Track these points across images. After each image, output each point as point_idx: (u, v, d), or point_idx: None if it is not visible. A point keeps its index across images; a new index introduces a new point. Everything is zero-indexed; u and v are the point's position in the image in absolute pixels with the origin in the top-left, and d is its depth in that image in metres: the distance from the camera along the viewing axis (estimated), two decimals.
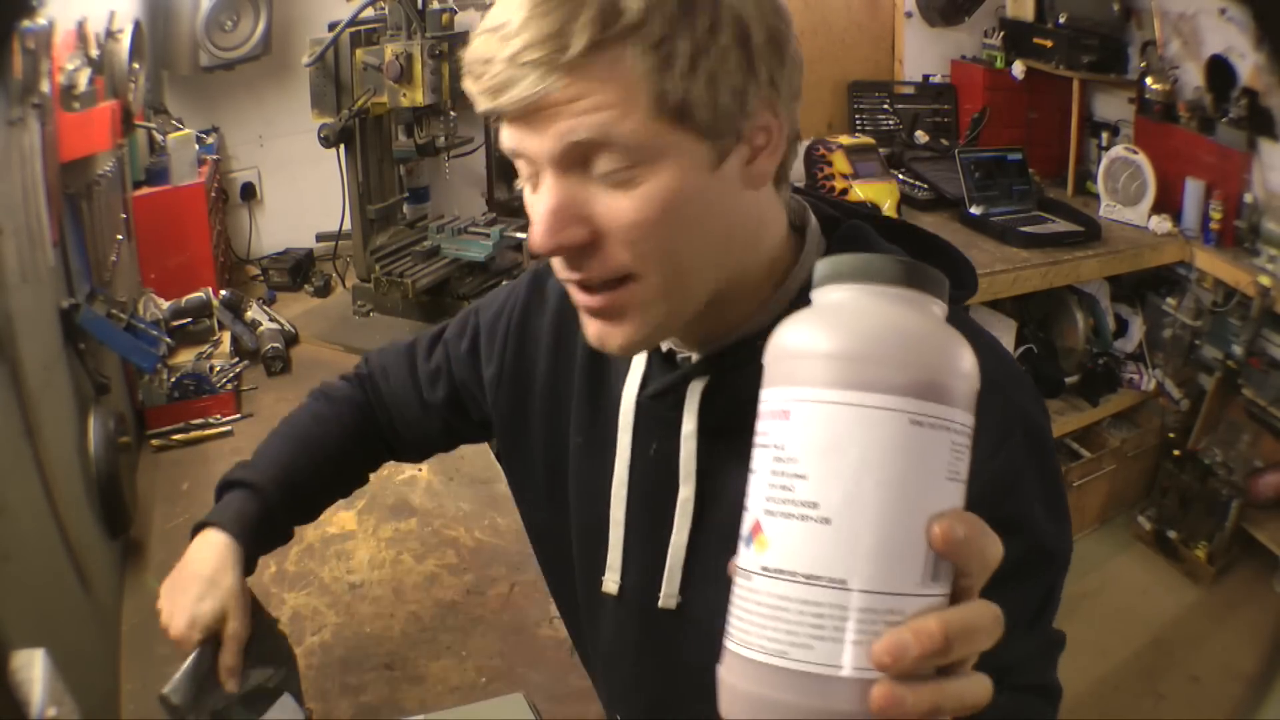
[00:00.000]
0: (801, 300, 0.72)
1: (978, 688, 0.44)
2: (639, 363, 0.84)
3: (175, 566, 0.99)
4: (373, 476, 1.65)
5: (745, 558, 0.45)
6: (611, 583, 0.87)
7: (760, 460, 0.46)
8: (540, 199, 0.68)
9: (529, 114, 0.65)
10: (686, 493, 0.79)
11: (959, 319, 0.73)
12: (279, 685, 1.01)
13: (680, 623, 0.81)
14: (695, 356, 0.79)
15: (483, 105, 0.67)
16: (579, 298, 0.73)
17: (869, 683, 0.41)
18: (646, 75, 0.63)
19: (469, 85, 0.68)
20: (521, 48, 0.63)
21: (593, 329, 0.74)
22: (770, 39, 0.68)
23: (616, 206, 0.67)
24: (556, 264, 0.72)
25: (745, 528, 0.46)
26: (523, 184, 0.73)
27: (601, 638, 0.93)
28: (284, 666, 1.02)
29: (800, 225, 0.80)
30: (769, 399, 0.46)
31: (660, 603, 0.81)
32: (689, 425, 0.78)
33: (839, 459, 0.42)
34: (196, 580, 0.96)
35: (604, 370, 0.88)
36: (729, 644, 0.45)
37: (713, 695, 0.79)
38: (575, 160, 0.66)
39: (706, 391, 0.77)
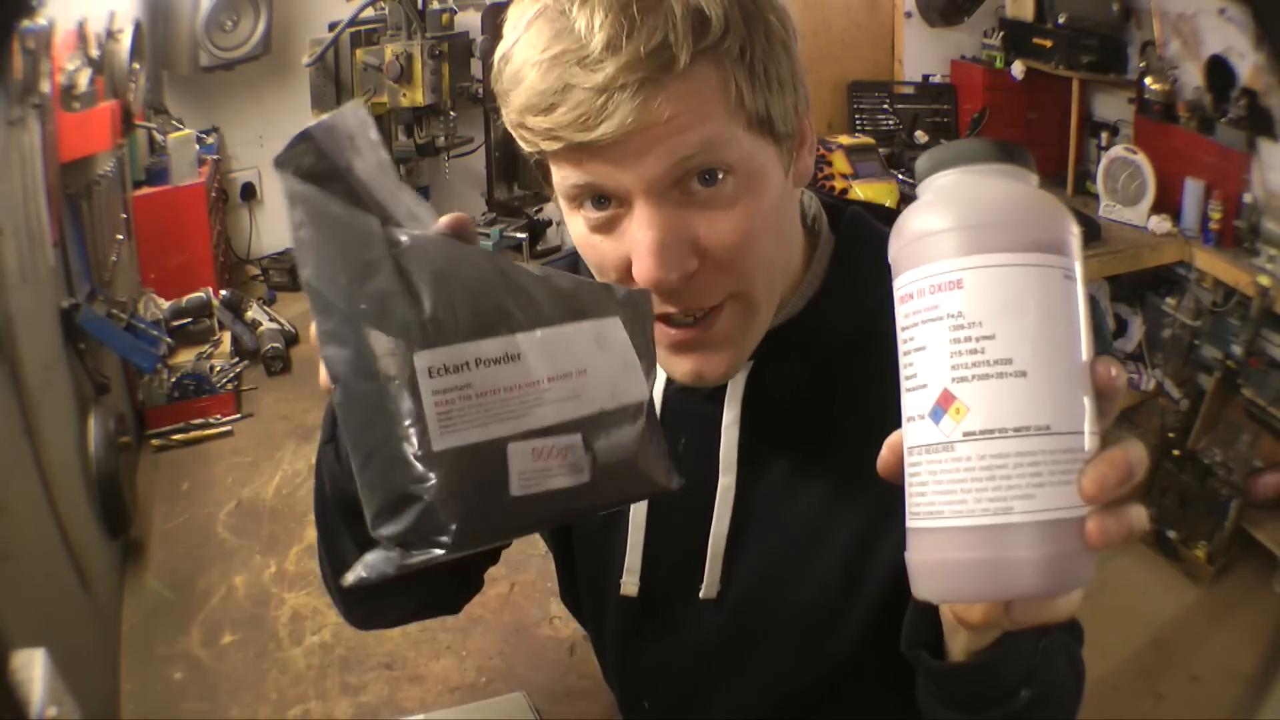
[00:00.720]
0: (829, 288, 0.75)
1: (1142, 511, 0.47)
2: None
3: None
4: None
5: (939, 430, 0.46)
6: (631, 585, 0.86)
7: (931, 335, 0.47)
8: (642, 232, 0.64)
9: (624, 141, 0.61)
10: (727, 481, 0.79)
11: None
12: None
13: (721, 610, 0.81)
14: None
15: (562, 140, 0.62)
16: (671, 335, 0.70)
17: (1079, 520, 0.44)
18: (738, 85, 0.63)
19: (536, 121, 0.62)
20: (617, 70, 0.59)
21: (687, 365, 0.72)
22: (794, 41, 0.68)
23: (720, 227, 0.65)
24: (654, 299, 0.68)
25: (927, 404, 0.47)
26: (571, 214, 0.69)
27: (623, 636, 0.92)
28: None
29: (806, 217, 0.80)
30: (922, 277, 0.47)
31: (702, 593, 0.81)
32: (730, 415, 0.78)
33: (1020, 316, 0.45)
34: None
35: None
36: (928, 524, 0.46)
37: (750, 676, 0.80)
38: (672, 183, 0.64)
39: (752, 378, 0.77)
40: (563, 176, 0.66)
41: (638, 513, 0.85)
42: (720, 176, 0.64)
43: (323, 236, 0.54)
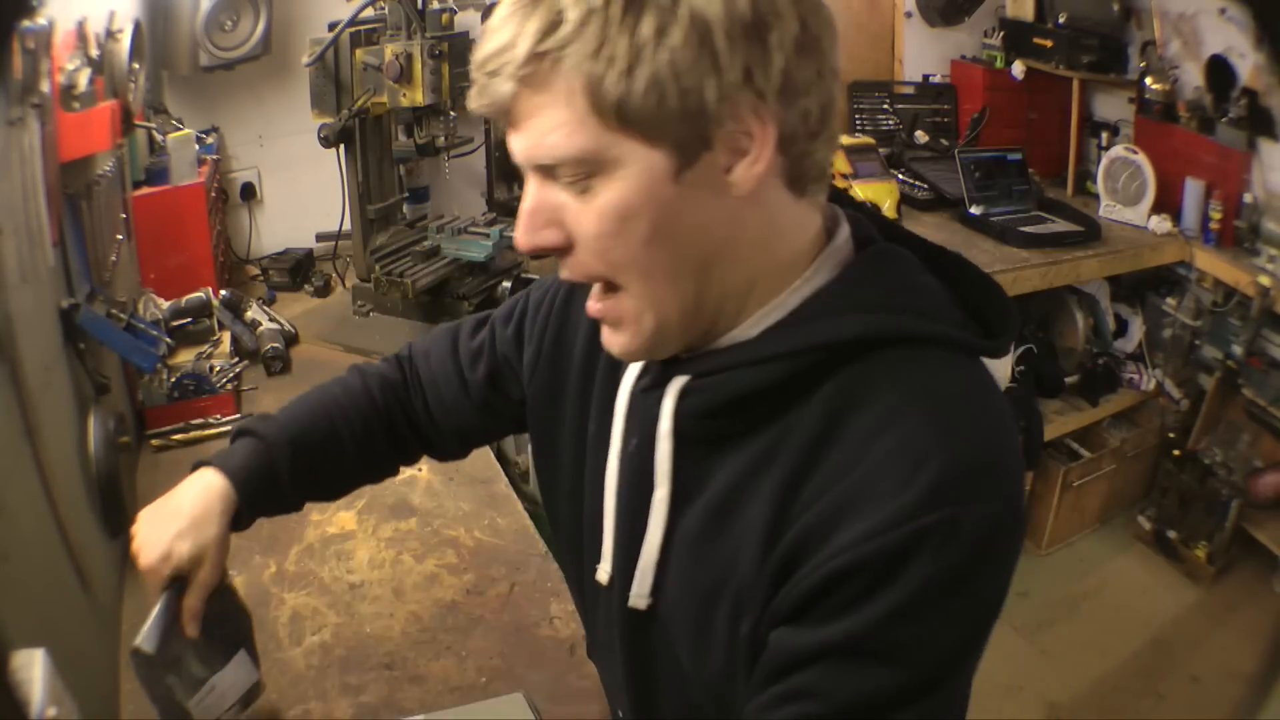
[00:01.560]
0: (802, 311, 0.71)
1: None
2: None
3: (161, 496, 0.99)
4: None
5: None
6: (604, 572, 0.87)
7: None
8: (524, 197, 0.71)
9: (505, 119, 0.69)
10: (661, 493, 0.78)
11: (973, 381, 0.71)
12: (234, 641, 1.04)
13: (651, 623, 0.80)
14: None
15: (474, 102, 0.70)
16: (588, 304, 0.75)
17: None
18: (588, 82, 0.64)
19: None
20: (485, 57, 0.67)
21: (602, 335, 0.76)
22: (747, 32, 0.64)
23: (581, 215, 0.68)
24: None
25: None
26: None
27: (598, 628, 0.93)
28: (239, 623, 1.06)
29: (829, 232, 0.76)
30: None
31: (630, 601, 0.80)
32: (664, 424, 0.77)
33: None
34: (180, 517, 0.95)
35: (581, 337, 0.90)
36: None
37: (683, 697, 0.79)
38: (545, 170, 0.69)
39: (683, 392, 0.75)
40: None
41: (609, 502, 0.85)
42: (574, 173, 0.67)
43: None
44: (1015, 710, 2.43)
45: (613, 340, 0.75)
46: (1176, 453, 3.05)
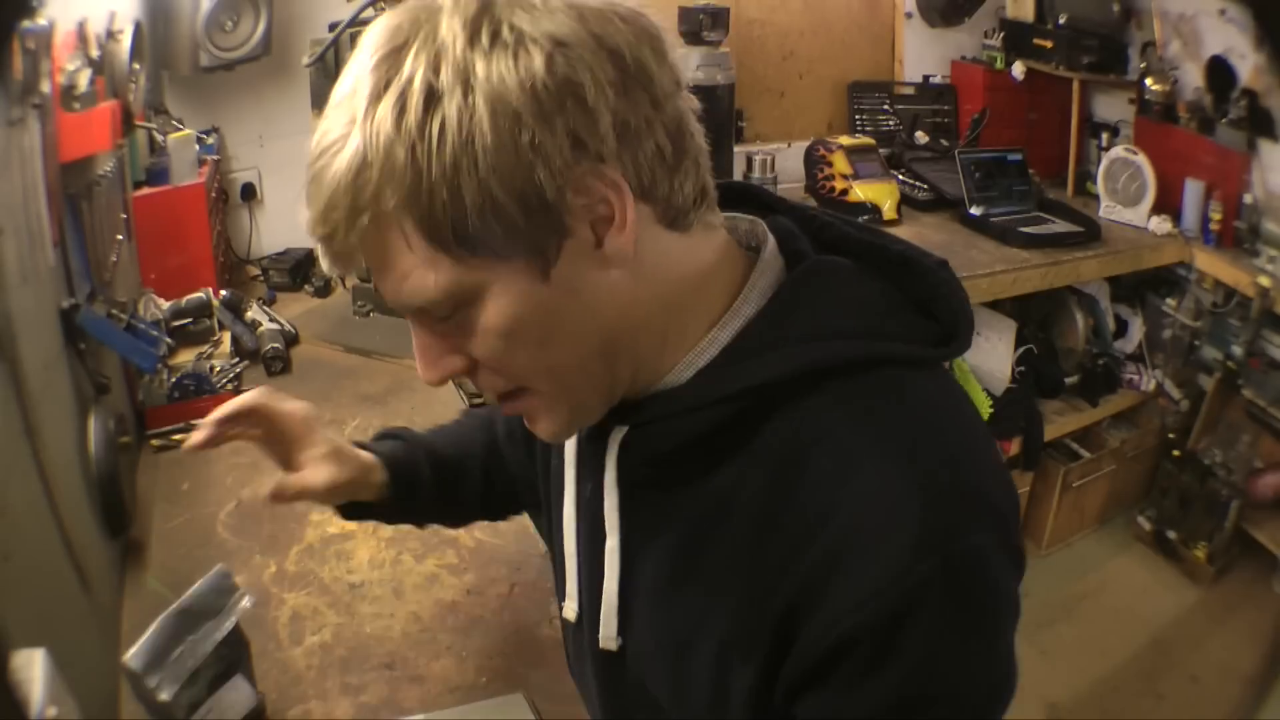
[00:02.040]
0: (732, 348, 0.67)
1: None
2: None
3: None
4: None
5: None
6: (570, 610, 0.86)
7: None
8: (413, 335, 0.69)
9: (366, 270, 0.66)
10: (612, 542, 0.76)
11: (931, 397, 0.67)
12: (233, 665, 1.07)
13: (624, 662, 0.79)
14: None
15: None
16: (501, 406, 0.72)
17: None
18: (414, 223, 0.60)
19: None
20: (311, 226, 0.64)
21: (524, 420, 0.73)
22: (557, 100, 0.58)
23: (469, 342, 0.66)
24: None
25: None
26: None
27: (571, 659, 0.94)
28: (239, 650, 1.09)
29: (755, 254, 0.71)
30: None
31: (601, 644, 0.79)
32: (609, 475, 0.74)
33: None
34: None
35: None
36: None
37: None
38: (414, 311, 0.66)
39: (624, 442, 0.72)
40: None
41: (569, 541, 0.84)
42: (444, 312, 0.64)
43: None
44: (1015, 710, 2.42)
45: (535, 428, 0.72)
46: (1176, 453, 3.05)
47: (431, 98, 0.58)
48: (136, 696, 1.04)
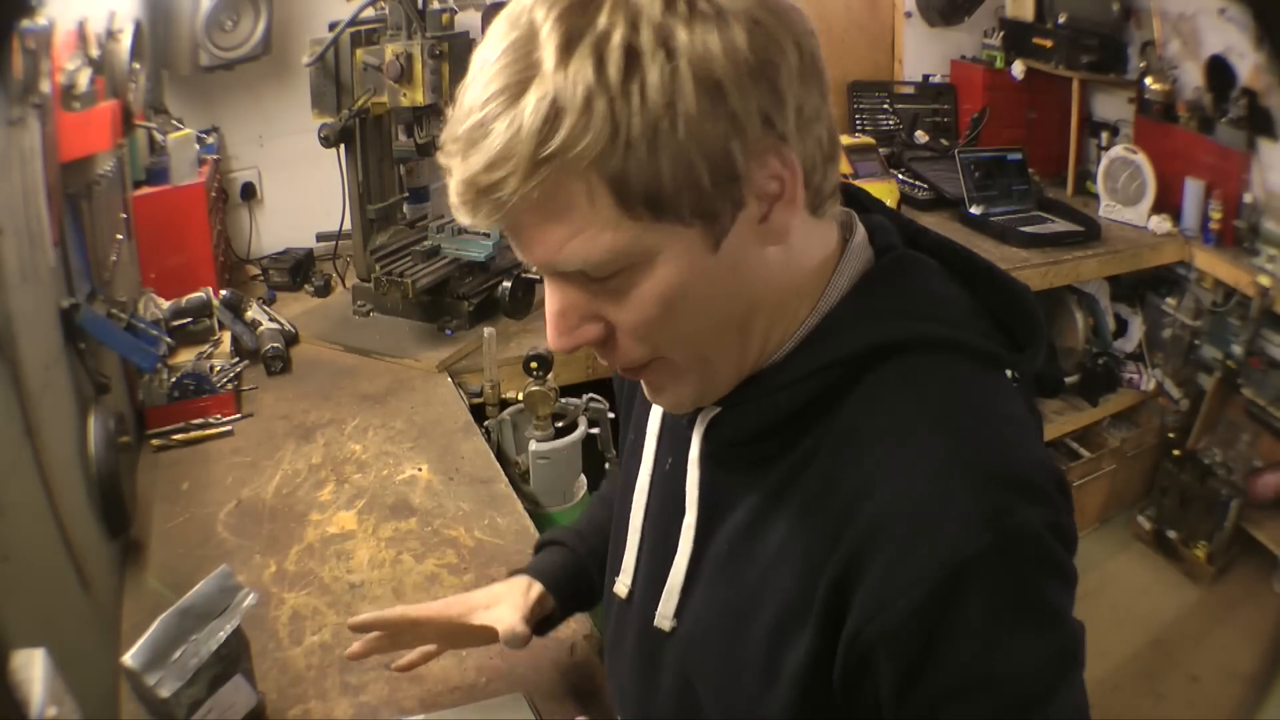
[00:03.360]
0: (822, 327, 0.69)
1: None
2: None
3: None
4: (373, 476, 1.67)
5: None
6: (622, 585, 0.87)
7: None
8: (548, 300, 0.66)
9: (508, 228, 0.63)
10: (690, 518, 0.77)
11: (1000, 388, 0.68)
12: (234, 665, 1.08)
13: (672, 644, 0.80)
14: None
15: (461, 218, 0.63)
16: (620, 370, 0.72)
17: None
18: (607, 177, 0.58)
19: (450, 188, 0.63)
20: (471, 175, 0.59)
21: (645, 389, 0.74)
22: (755, 77, 0.59)
23: (620, 311, 0.64)
24: None
25: None
26: None
27: (612, 637, 0.93)
28: (240, 650, 1.10)
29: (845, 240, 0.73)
30: None
31: (655, 622, 0.80)
32: (694, 452, 0.76)
33: None
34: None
35: None
36: None
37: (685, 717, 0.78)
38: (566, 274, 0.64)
39: (714, 420, 0.74)
40: None
41: (636, 515, 0.85)
42: (606, 274, 0.62)
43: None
44: None
45: (659, 397, 0.73)
46: (1176, 453, 3.05)
47: (632, 56, 0.57)
48: (136, 696, 1.04)
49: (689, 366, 0.68)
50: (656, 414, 0.83)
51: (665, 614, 0.79)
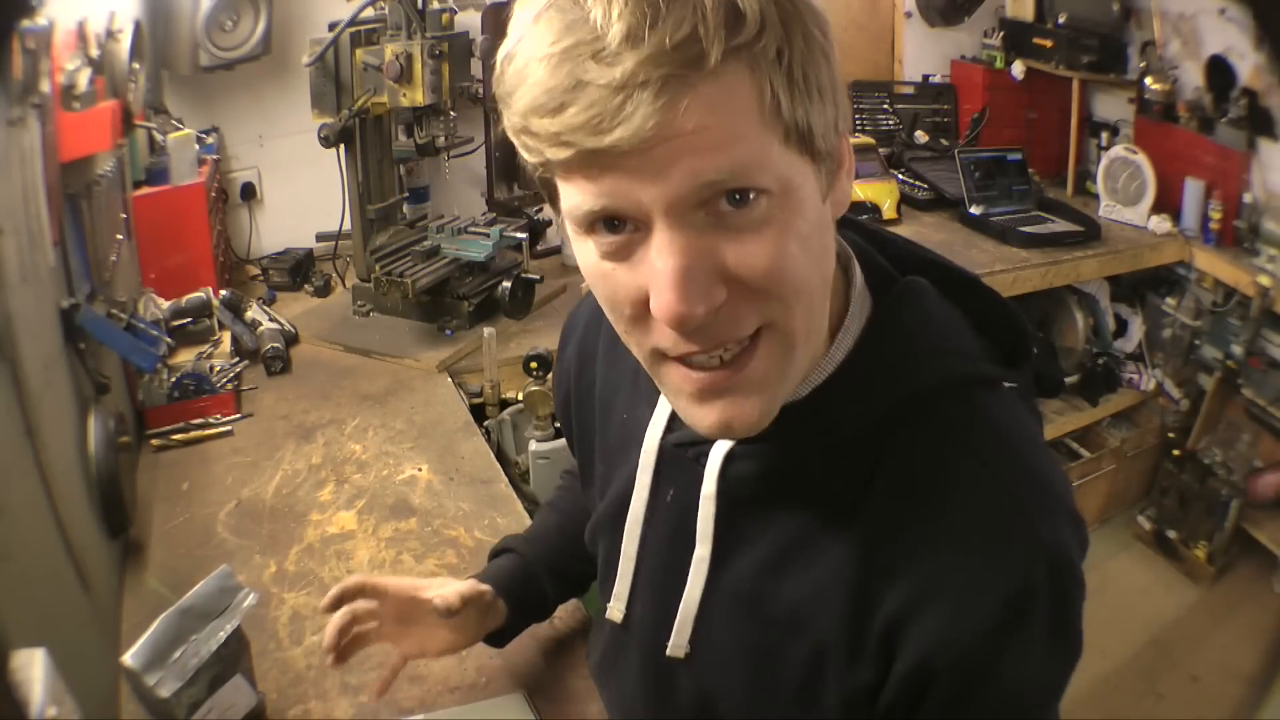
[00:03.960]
0: (851, 372, 0.68)
1: None
2: (666, 404, 0.79)
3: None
4: (373, 476, 1.67)
5: None
6: (616, 611, 0.86)
7: None
8: (663, 259, 0.57)
9: (643, 152, 0.53)
10: (703, 551, 0.76)
11: (1007, 405, 0.71)
12: (233, 665, 1.08)
13: (686, 671, 0.80)
14: None
15: (573, 146, 0.54)
16: (695, 379, 0.62)
17: None
18: (774, 92, 0.55)
19: (542, 124, 0.55)
20: (637, 64, 0.52)
21: (714, 414, 0.63)
22: (835, 52, 0.61)
23: (752, 251, 0.57)
24: (665, 339, 0.60)
25: None
26: (580, 240, 0.61)
27: (603, 656, 0.94)
28: (240, 650, 1.10)
29: (845, 269, 0.72)
30: None
31: (668, 651, 0.79)
32: (709, 487, 0.74)
33: None
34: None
35: (637, 396, 0.84)
36: None
37: None
38: (697, 204, 0.56)
39: (730, 456, 0.73)
40: (572, 195, 0.58)
41: (629, 544, 0.84)
42: (753, 197, 0.56)
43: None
44: None
45: (739, 412, 0.63)
46: (1176, 453, 3.05)
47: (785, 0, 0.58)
48: (136, 696, 1.04)
49: (798, 338, 0.62)
50: (652, 444, 0.80)
51: (679, 644, 0.79)
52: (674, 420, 0.79)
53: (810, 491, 0.70)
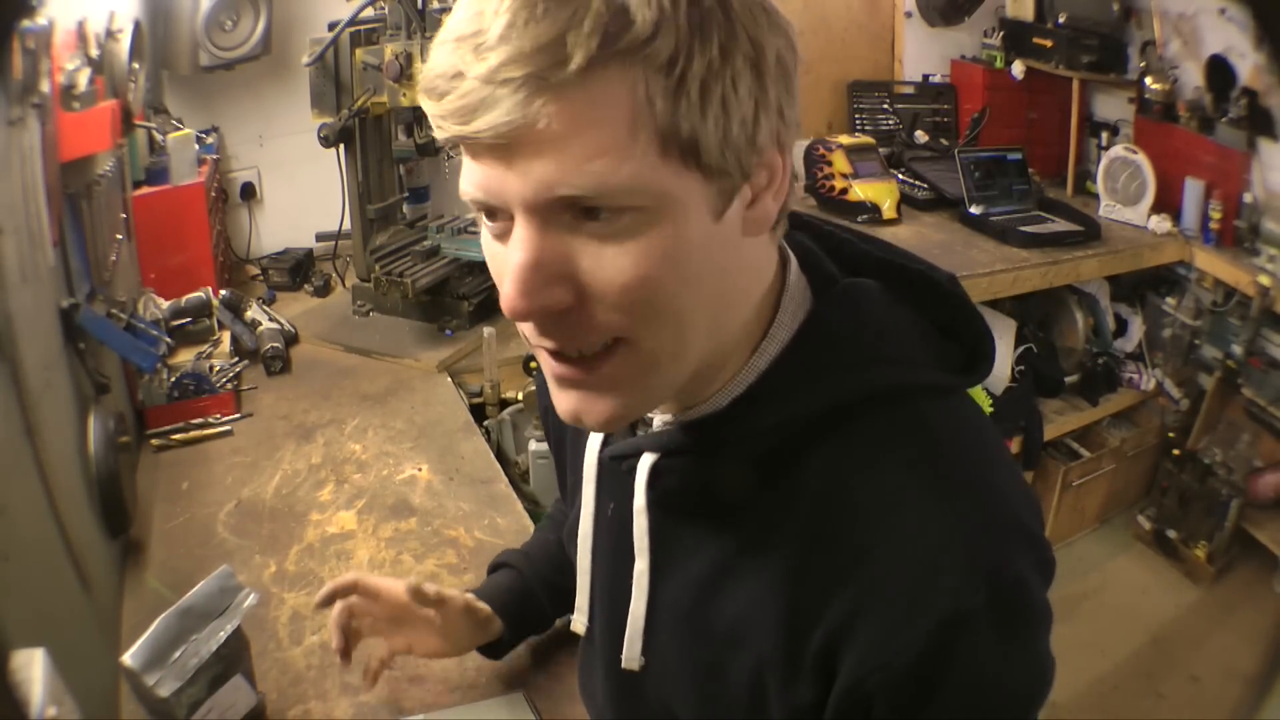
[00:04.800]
0: (775, 379, 0.66)
1: None
2: None
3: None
4: (373, 476, 1.67)
5: None
6: (580, 624, 0.87)
7: None
8: (514, 251, 0.58)
9: (506, 147, 0.55)
10: (642, 565, 0.75)
11: (965, 424, 0.68)
12: (234, 665, 1.08)
13: (645, 681, 0.79)
14: (656, 420, 0.72)
15: (447, 131, 0.56)
16: (553, 367, 0.63)
17: None
18: (654, 103, 0.54)
19: (428, 106, 0.57)
20: (503, 61, 0.53)
21: (567, 402, 0.64)
22: (779, 65, 0.59)
23: (609, 264, 0.57)
24: (526, 329, 0.62)
25: None
26: (482, 228, 0.63)
27: (581, 669, 0.95)
28: (240, 650, 1.10)
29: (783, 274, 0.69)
30: None
31: (624, 664, 0.79)
32: (639, 500, 0.73)
33: None
34: None
35: None
36: None
37: None
38: (558, 209, 0.57)
39: (658, 468, 0.71)
40: (463, 179, 0.61)
41: (583, 557, 0.84)
42: (613, 212, 0.56)
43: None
44: None
45: (591, 407, 0.64)
46: (1176, 452, 3.05)
47: (695, 3, 0.56)
48: (136, 696, 1.04)
49: (656, 358, 0.61)
50: (591, 458, 0.80)
51: (631, 656, 0.78)
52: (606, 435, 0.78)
53: (740, 505, 0.68)
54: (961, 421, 0.68)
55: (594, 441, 0.80)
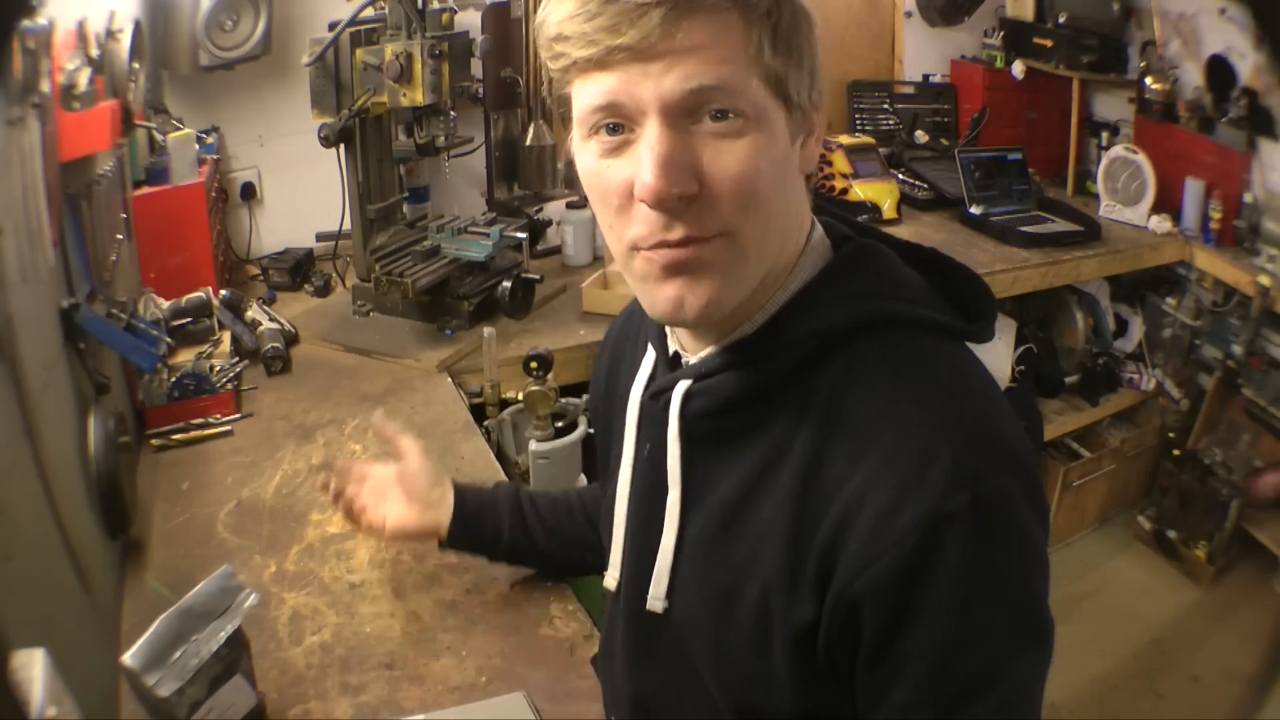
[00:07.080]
0: (794, 303, 0.75)
1: None
2: (647, 362, 0.86)
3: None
4: None
5: None
6: (611, 579, 0.89)
7: None
8: (650, 146, 0.68)
9: (647, 52, 0.66)
10: (674, 496, 0.80)
11: (964, 363, 0.74)
12: (233, 666, 1.09)
13: (665, 626, 0.81)
14: (693, 361, 0.80)
15: (597, 44, 0.66)
16: (661, 255, 0.70)
17: None
18: (758, 37, 0.68)
19: (574, 27, 0.67)
20: None
21: (671, 290, 0.71)
22: (813, 27, 0.73)
23: (726, 156, 0.68)
24: (648, 223, 0.69)
25: None
26: (584, 144, 0.72)
27: (605, 634, 0.94)
28: (239, 651, 1.10)
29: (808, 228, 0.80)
30: None
31: (647, 605, 0.81)
32: (672, 428, 0.79)
33: None
34: None
35: (625, 369, 0.91)
36: None
37: (692, 696, 0.79)
38: (687, 110, 0.67)
39: (687, 395, 0.78)
40: (585, 95, 0.69)
41: (620, 507, 0.87)
42: (731, 116, 0.68)
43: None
44: None
45: (693, 291, 0.71)
46: (1176, 453, 3.06)
47: None
48: (136, 696, 1.04)
49: (751, 249, 0.71)
50: (634, 404, 0.86)
51: (657, 595, 0.81)
52: (652, 375, 0.85)
53: (761, 429, 0.74)
54: (963, 363, 0.74)
55: (638, 385, 0.87)
